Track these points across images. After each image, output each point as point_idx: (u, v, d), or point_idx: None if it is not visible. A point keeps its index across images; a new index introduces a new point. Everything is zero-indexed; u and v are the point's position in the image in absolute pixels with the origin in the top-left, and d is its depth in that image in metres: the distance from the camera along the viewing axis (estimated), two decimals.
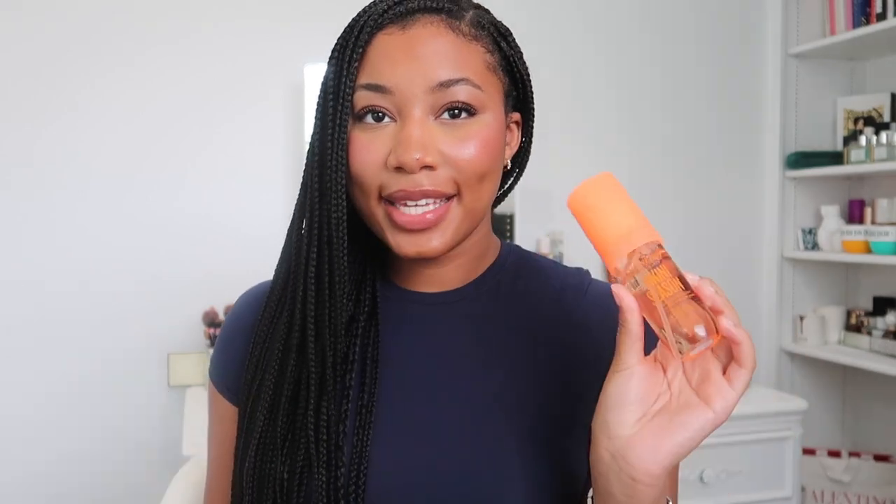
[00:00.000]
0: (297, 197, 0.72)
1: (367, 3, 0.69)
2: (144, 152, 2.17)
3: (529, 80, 0.74)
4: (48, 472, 2.11)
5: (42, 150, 2.11)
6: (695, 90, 2.62)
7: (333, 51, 0.68)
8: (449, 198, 0.66)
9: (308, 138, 0.73)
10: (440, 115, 0.66)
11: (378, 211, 0.67)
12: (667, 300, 0.55)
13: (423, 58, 0.65)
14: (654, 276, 0.56)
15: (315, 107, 0.69)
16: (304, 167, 0.71)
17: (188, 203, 2.19)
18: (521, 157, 0.78)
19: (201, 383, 2.14)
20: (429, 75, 0.65)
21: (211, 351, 1.97)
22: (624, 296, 0.56)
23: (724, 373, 0.57)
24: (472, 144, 0.66)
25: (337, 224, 0.67)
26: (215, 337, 1.99)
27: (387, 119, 0.66)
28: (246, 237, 2.20)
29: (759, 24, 2.66)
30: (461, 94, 0.65)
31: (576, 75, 2.49)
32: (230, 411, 0.78)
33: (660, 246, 0.57)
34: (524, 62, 0.73)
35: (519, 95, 0.74)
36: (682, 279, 0.56)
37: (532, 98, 0.76)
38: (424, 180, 0.64)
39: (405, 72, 0.65)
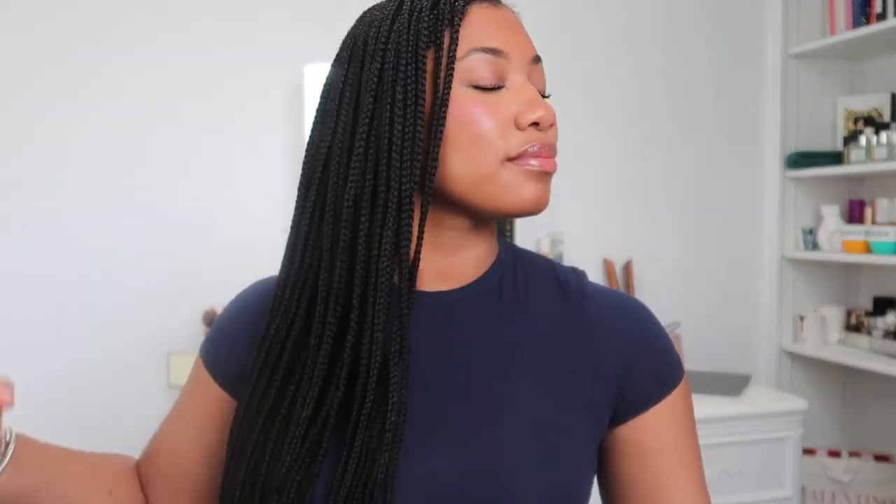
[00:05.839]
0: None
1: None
2: (144, 152, 2.17)
3: None
4: None
5: (41, 149, 2.11)
6: (695, 90, 2.62)
7: (413, 11, 0.65)
8: None
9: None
10: None
11: (502, 170, 0.66)
12: None
13: (522, 32, 0.69)
14: None
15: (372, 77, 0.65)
16: (358, 143, 0.65)
17: (188, 203, 2.19)
18: None
19: None
20: (530, 47, 0.69)
21: None
22: None
23: None
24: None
25: (409, 193, 0.64)
26: None
27: (496, 84, 0.67)
28: (246, 237, 2.20)
29: (759, 24, 2.66)
30: (542, 73, 0.71)
31: (576, 75, 2.49)
32: (217, 393, 0.79)
33: None
34: None
35: None
36: None
37: None
38: (552, 137, 0.69)
39: (516, 40, 0.68)
